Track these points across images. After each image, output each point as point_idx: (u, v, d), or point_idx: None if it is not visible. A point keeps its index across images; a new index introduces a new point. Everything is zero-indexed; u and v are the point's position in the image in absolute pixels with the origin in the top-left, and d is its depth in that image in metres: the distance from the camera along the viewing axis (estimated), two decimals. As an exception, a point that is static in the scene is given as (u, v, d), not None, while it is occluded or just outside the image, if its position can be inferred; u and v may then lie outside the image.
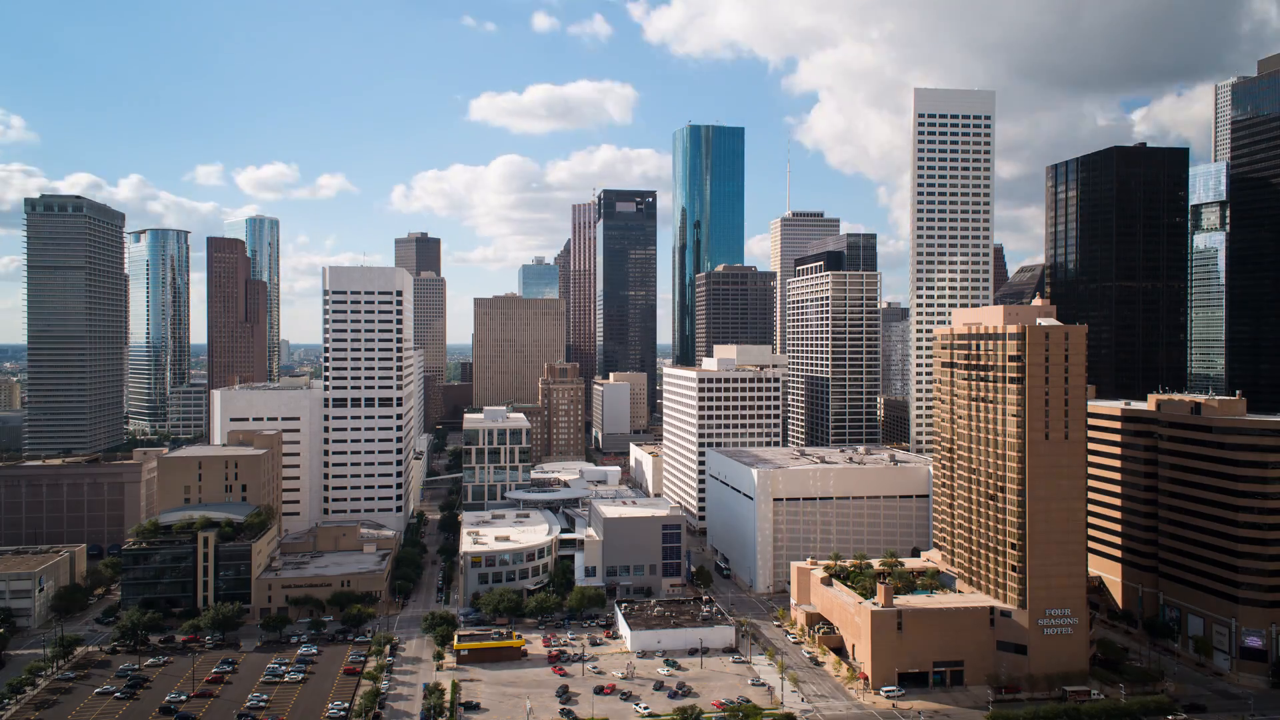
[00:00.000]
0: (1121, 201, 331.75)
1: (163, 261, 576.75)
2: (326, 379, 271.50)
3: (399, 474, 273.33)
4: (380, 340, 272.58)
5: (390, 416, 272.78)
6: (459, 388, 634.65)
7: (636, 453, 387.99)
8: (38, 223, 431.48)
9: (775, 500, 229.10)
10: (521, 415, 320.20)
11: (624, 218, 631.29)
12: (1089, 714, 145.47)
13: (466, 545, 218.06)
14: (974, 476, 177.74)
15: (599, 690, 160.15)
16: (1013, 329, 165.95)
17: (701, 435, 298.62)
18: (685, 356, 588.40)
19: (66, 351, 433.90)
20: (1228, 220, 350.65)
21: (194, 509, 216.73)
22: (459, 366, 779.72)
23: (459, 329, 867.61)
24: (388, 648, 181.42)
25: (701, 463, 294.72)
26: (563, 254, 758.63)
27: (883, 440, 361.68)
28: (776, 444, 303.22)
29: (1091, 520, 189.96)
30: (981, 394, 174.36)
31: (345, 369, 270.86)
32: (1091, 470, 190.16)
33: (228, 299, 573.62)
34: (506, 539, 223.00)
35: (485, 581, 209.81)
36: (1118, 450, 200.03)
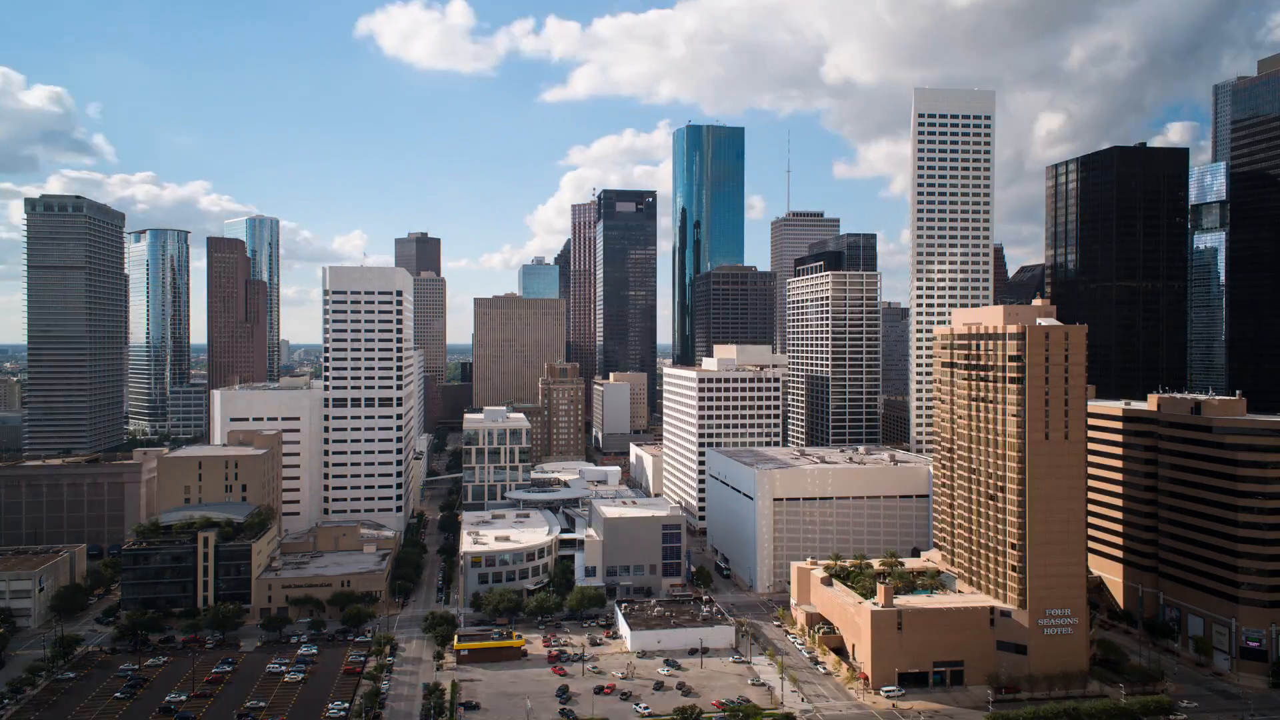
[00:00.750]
0: (1121, 201, 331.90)
1: (163, 261, 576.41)
2: (326, 379, 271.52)
3: (399, 474, 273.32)
4: (380, 340, 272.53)
5: (390, 416, 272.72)
6: (459, 388, 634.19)
7: (636, 452, 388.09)
8: (38, 223, 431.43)
9: (775, 500, 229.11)
10: (521, 415, 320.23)
11: (624, 218, 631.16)
12: (1089, 714, 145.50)
13: (466, 545, 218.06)
14: (974, 476, 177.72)
15: (599, 690, 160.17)
16: (1013, 329, 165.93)
17: (701, 435, 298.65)
18: (685, 356, 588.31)
19: (66, 351, 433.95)
20: (1228, 220, 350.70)
21: (194, 509, 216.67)
22: (459, 366, 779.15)
23: (459, 329, 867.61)
24: (388, 648, 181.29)
25: (701, 463, 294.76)
26: (563, 254, 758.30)
27: (883, 440, 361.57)
28: (776, 444, 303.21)
29: (1091, 520, 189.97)
30: (981, 394, 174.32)
31: (345, 369, 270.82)
32: (1091, 470, 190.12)
33: (228, 299, 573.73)
34: (506, 539, 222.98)
35: (485, 581, 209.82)
36: (1118, 450, 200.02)
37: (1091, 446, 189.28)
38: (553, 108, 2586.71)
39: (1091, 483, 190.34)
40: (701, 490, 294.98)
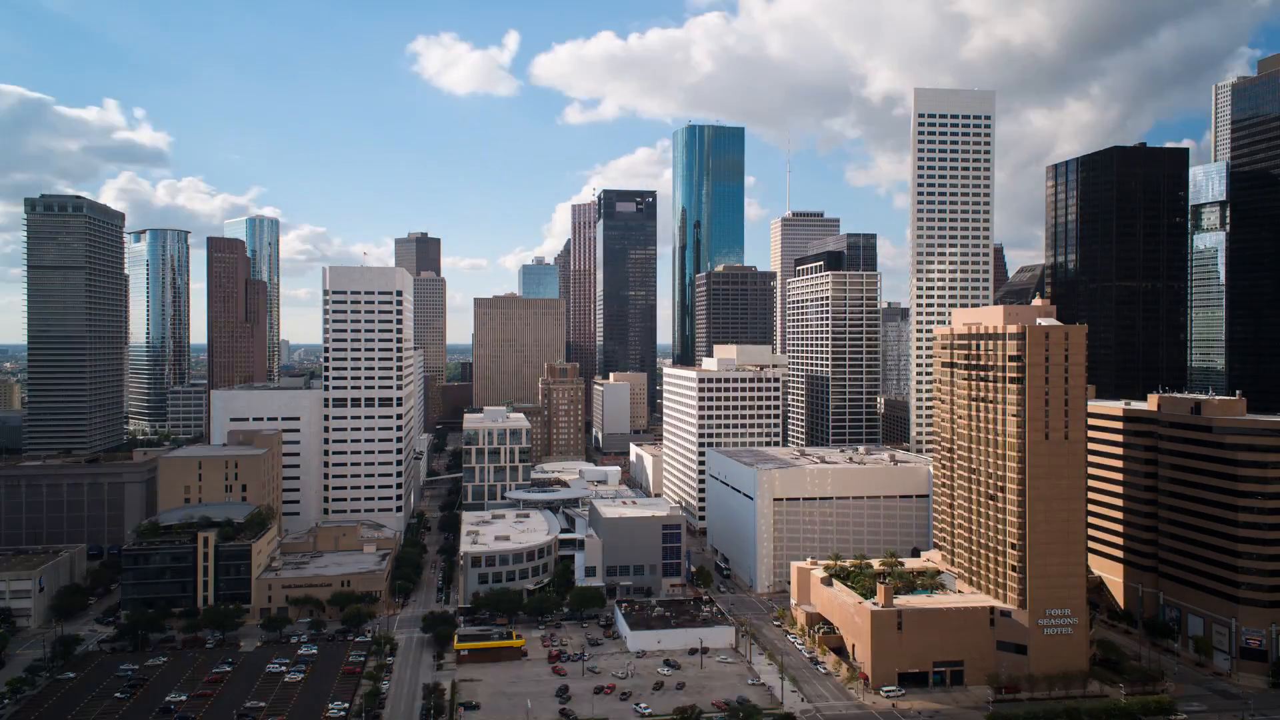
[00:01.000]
0: (1121, 201, 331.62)
1: (163, 261, 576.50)
2: (326, 379, 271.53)
3: (399, 474, 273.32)
4: (380, 340, 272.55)
5: (390, 416, 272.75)
6: (459, 388, 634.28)
7: (636, 452, 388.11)
8: (38, 222, 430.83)
9: (775, 500, 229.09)
10: (521, 415, 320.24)
11: (624, 218, 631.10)
12: (1089, 714, 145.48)
13: (466, 545, 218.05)
14: (974, 476, 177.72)
15: (598, 690, 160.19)
16: (1013, 329, 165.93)
17: (701, 435, 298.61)
18: (685, 356, 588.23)
19: (66, 351, 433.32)
20: (1228, 220, 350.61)
21: (194, 509, 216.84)
22: (459, 366, 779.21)
23: (459, 329, 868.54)
24: (388, 648, 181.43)
25: (701, 463, 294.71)
26: (563, 254, 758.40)
27: (883, 440, 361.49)
28: (776, 444, 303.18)
29: (1091, 520, 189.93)
30: (981, 394, 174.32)
31: (345, 369, 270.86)
32: (1091, 470, 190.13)
33: (228, 299, 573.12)
34: (506, 539, 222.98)
35: (485, 581, 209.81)
36: (1118, 450, 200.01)
37: (1091, 446, 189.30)
38: (579, 128, 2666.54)
39: (1091, 483, 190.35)
40: (701, 490, 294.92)
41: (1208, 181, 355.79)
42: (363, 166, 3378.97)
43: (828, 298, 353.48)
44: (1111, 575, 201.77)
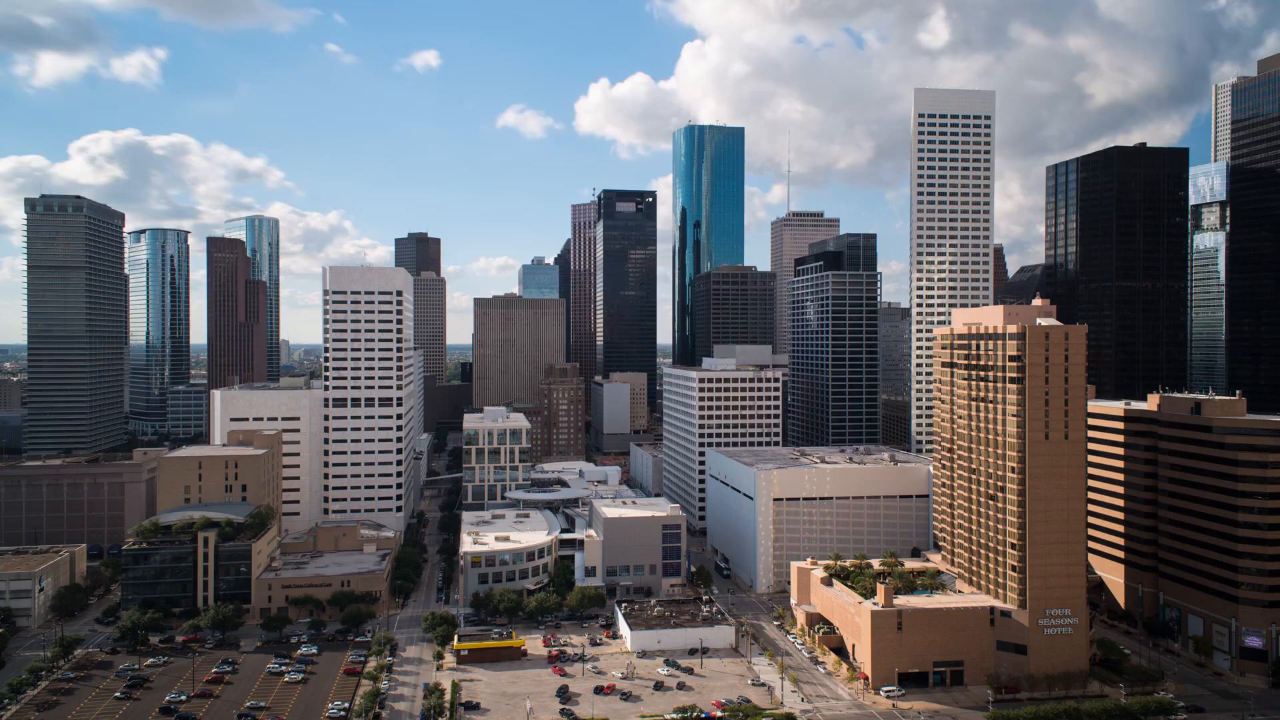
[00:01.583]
0: (1121, 201, 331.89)
1: (163, 261, 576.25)
2: (326, 379, 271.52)
3: (399, 474, 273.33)
4: (380, 340, 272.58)
5: (390, 416, 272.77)
6: (459, 388, 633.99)
7: (636, 452, 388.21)
8: (38, 222, 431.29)
9: (775, 500, 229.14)
10: (521, 415, 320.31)
11: (624, 218, 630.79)
12: (1089, 714, 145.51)
13: (466, 545, 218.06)
14: (974, 476, 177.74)
15: (599, 690, 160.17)
16: (1013, 329, 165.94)
17: (701, 435, 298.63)
18: (685, 356, 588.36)
19: (66, 351, 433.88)
20: (1228, 220, 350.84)
21: (194, 509, 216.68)
22: (459, 366, 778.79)
23: (459, 329, 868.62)
24: (388, 648, 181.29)
25: (701, 463, 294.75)
26: (563, 254, 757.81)
27: (883, 440, 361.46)
28: (776, 444, 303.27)
29: (1091, 520, 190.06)
30: (981, 394, 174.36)
31: (345, 369, 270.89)
32: (1091, 470, 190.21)
33: (228, 299, 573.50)
34: (506, 539, 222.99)
35: (485, 581, 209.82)
36: (1118, 450, 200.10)
37: (1091, 446, 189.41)
38: (627, 162, 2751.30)
39: (1091, 483, 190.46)
40: (701, 490, 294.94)
41: (1209, 181, 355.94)
42: (425, 187, 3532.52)
43: (828, 298, 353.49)
44: (1111, 575, 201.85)
